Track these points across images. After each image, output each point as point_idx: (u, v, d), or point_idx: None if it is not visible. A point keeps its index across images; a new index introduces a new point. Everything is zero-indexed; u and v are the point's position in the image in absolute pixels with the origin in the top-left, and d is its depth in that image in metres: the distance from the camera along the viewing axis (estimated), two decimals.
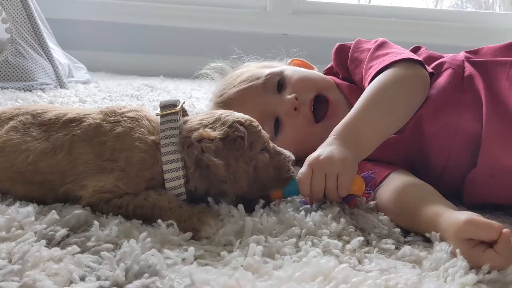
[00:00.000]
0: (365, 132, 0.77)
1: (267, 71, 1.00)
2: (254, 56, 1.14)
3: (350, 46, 1.00)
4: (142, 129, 0.69)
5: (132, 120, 0.69)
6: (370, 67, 0.89)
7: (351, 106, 0.82)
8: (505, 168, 0.76)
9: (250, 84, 0.98)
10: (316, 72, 1.05)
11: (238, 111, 0.84)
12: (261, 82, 0.97)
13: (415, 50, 0.97)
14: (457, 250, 0.56)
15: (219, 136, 0.68)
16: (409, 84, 0.83)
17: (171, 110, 0.71)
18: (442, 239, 0.60)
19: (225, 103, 0.98)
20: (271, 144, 0.75)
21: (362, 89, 0.86)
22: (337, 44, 1.03)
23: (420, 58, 0.87)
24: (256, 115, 0.90)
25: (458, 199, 0.81)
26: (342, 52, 1.01)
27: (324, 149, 0.74)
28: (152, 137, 0.69)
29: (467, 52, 0.92)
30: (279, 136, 0.95)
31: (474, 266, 0.54)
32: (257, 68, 1.04)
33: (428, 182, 0.76)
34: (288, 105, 0.94)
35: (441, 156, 0.84)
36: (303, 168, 0.73)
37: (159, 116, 0.71)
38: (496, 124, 0.78)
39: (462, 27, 2.72)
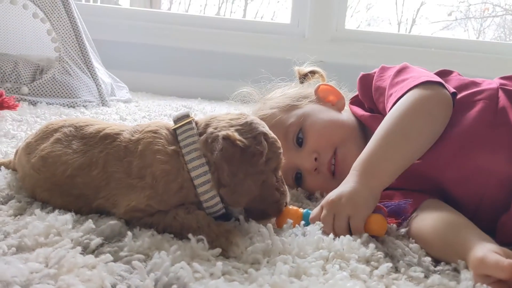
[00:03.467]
0: (382, 166, 0.76)
1: (289, 119, 0.99)
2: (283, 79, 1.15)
3: (374, 75, 0.97)
4: (161, 141, 0.69)
5: (151, 133, 0.71)
6: (391, 94, 0.86)
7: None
8: None
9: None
10: (336, 119, 1.00)
11: None
12: (282, 133, 0.95)
13: (446, 74, 0.92)
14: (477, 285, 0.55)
15: (241, 145, 0.68)
16: (426, 108, 0.79)
17: (186, 120, 0.72)
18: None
19: None
20: (280, 172, 0.75)
21: None
22: (361, 73, 1.00)
23: (439, 79, 0.82)
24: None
25: None
26: (365, 81, 0.98)
27: (339, 188, 0.74)
28: (172, 147, 0.69)
29: (502, 78, 0.86)
30: (301, 186, 0.98)
31: None
32: (282, 112, 1.01)
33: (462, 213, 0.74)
34: (309, 166, 0.95)
35: (473, 199, 0.79)
36: (317, 208, 0.75)
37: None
38: None
39: (505, 59, 2.67)
